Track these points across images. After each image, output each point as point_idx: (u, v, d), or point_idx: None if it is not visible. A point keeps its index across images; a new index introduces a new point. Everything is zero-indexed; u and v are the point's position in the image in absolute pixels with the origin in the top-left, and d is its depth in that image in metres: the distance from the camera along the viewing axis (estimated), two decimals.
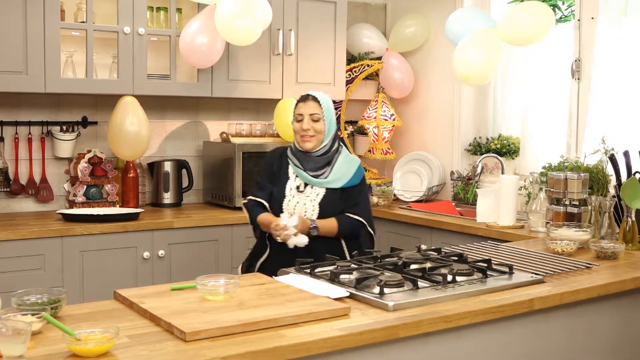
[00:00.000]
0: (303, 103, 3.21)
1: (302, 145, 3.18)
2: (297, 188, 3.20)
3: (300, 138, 3.19)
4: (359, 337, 1.97)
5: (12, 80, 3.74)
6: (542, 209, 3.68)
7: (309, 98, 3.20)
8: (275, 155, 3.32)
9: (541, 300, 2.38)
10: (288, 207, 3.17)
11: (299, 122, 3.18)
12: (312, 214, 3.15)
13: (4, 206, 4.13)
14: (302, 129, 3.16)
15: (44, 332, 1.89)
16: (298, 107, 3.21)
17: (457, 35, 4.09)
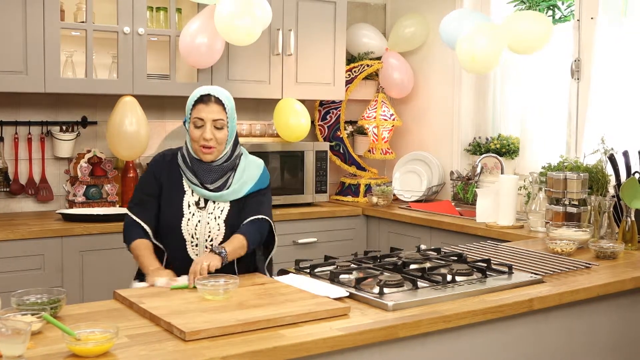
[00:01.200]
0: (204, 105, 2.66)
1: (201, 156, 2.69)
2: (197, 204, 2.72)
3: (199, 148, 2.67)
4: (358, 337, 1.98)
5: (12, 80, 3.74)
6: (541, 208, 3.69)
7: (211, 99, 2.67)
8: (162, 164, 2.79)
9: (541, 300, 2.39)
10: (188, 227, 2.70)
11: (199, 128, 2.66)
12: (218, 233, 2.71)
13: (4, 206, 4.13)
14: (204, 139, 2.65)
15: (43, 332, 1.89)
16: (197, 110, 2.66)
17: (451, 36, 4.09)
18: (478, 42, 3.82)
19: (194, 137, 2.68)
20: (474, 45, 3.83)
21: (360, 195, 4.90)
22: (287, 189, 4.57)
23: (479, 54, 3.80)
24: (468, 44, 3.86)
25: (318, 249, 4.41)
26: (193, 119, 2.67)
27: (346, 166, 5.08)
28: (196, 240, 2.71)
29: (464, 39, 3.90)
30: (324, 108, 5.10)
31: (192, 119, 2.68)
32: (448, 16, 4.16)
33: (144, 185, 2.82)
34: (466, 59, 3.87)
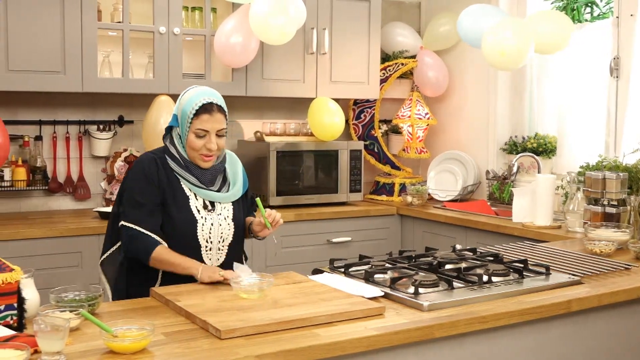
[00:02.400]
0: (209, 116, 2.55)
1: (201, 164, 2.60)
2: (205, 207, 2.63)
3: (198, 156, 2.58)
4: (393, 336, 1.96)
5: (51, 80, 3.79)
6: (579, 209, 3.63)
7: (214, 109, 2.56)
8: (152, 166, 2.59)
9: (579, 302, 2.35)
10: (203, 232, 2.60)
11: (201, 138, 2.55)
12: (229, 234, 2.67)
13: (42, 204, 4.19)
14: (207, 149, 2.56)
15: (81, 329, 1.91)
16: (202, 120, 2.54)
17: (467, 32, 4.04)
18: (506, 36, 3.78)
19: (195, 147, 2.56)
20: (501, 39, 3.78)
21: (395, 195, 4.88)
22: (321, 188, 4.57)
23: (508, 48, 3.76)
24: (494, 38, 3.82)
25: (352, 248, 4.40)
26: (195, 130, 2.55)
27: (380, 165, 5.06)
28: (210, 244, 2.64)
29: (491, 33, 3.85)
30: (358, 107, 5.09)
31: (193, 129, 2.55)
32: (465, 11, 4.11)
33: (142, 192, 2.56)
34: (494, 54, 3.82)
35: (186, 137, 2.57)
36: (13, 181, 3.96)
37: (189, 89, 2.64)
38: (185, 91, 2.64)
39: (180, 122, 2.59)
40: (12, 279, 1.83)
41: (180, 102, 2.60)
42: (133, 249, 2.54)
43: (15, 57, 3.69)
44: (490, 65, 4.11)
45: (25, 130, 4.10)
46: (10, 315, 1.83)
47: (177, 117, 2.61)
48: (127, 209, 2.56)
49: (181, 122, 2.59)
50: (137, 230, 2.52)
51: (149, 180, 2.57)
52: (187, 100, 2.58)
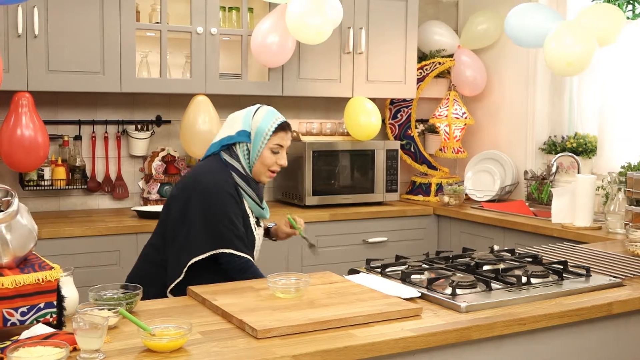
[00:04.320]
0: (285, 133, 2.73)
1: (264, 180, 2.75)
2: (257, 224, 2.79)
3: (267, 173, 2.73)
4: (430, 338, 1.95)
5: (90, 80, 3.83)
6: (620, 209, 3.57)
7: (289, 127, 2.75)
8: (233, 189, 2.67)
9: (621, 304, 2.31)
10: (257, 246, 2.79)
11: (275, 154, 2.72)
12: (260, 249, 2.86)
13: (81, 203, 4.24)
14: (278, 165, 2.73)
15: (119, 327, 1.92)
16: (279, 137, 2.71)
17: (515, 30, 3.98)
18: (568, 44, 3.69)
19: (268, 163, 2.70)
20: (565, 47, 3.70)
21: (432, 195, 4.85)
22: (358, 187, 4.56)
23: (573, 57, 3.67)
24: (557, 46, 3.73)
25: (388, 248, 4.38)
26: (273, 145, 2.70)
27: (417, 165, 5.03)
28: (258, 254, 2.82)
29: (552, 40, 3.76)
30: (394, 106, 5.07)
31: (271, 144, 2.70)
32: (513, 10, 4.05)
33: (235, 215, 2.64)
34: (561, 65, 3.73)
35: (259, 153, 2.69)
36: (53, 180, 4.01)
37: (259, 107, 2.77)
38: (254, 109, 2.76)
39: (255, 138, 2.70)
40: (51, 277, 1.86)
41: (254, 120, 2.71)
42: (245, 279, 2.55)
43: (55, 58, 3.74)
44: (557, 74, 4.05)
45: (64, 130, 4.16)
46: (50, 313, 1.85)
47: (248, 134, 2.70)
48: (228, 236, 2.60)
49: (255, 139, 2.70)
50: (248, 261, 2.63)
51: (237, 203, 2.65)
52: (263, 117, 2.71)
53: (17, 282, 1.80)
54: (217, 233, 2.61)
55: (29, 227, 1.94)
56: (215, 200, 2.63)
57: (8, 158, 3.68)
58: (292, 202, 4.49)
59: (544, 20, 3.91)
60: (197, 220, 2.62)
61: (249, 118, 2.73)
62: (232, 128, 2.75)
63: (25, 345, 1.62)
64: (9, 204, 1.90)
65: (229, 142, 2.73)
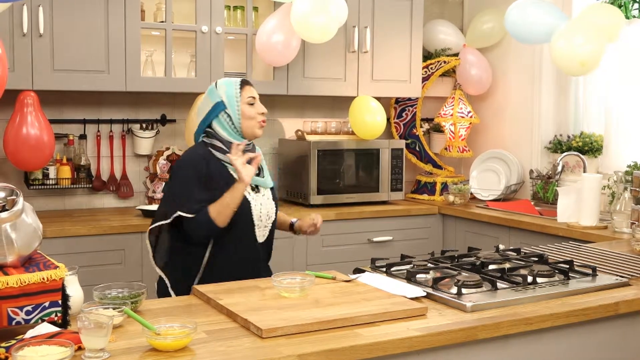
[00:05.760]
0: (249, 86, 2.87)
1: (258, 132, 2.85)
2: (253, 190, 2.85)
3: (257, 124, 2.84)
4: (436, 337, 1.94)
5: (95, 79, 3.84)
6: (626, 209, 3.56)
7: (248, 82, 2.90)
8: (201, 160, 2.77)
9: (627, 304, 2.30)
10: (256, 211, 2.82)
11: (252, 106, 2.83)
12: (273, 212, 2.92)
13: (86, 202, 4.25)
14: (261, 113, 2.84)
15: (124, 326, 1.92)
16: (247, 90, 2.84)
17: (514, 25, 3.96)
18: (581, 45, 3.66)
19: (251, 115, 2.82)
20: (575, 47, 3.67)
21: (437, 194, 4.84)
22: (363, 187, 4.55)
23: (586, 56, 3.64)
24: (567, 46, 3.69)
25: (393, 247, 4.37)
26: (247, 99, 2.82)
27: (422, 164, 5.02)
28: (261, 222, 2.85)
29: (560, 39, 3.73)
30: (399, 105, 5.06)
31: (244, 100, 2.82)
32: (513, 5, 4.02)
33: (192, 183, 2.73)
34: (573, 64, 3.69)
35: (239, 110, 2.81)
36: (58, 179, 4.01)
37: (216, 82, 2.88)
38: (212, 86, 2.87)
39: (228, 101, 2.82)
40: (56, 276, 1.85)
41: (219, 90, 2.84)
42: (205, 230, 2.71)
43: (61, 57, 3.74)
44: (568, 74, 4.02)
45: (69, 129, 4.16)
46: (54, 312, 1.85)
47: (221, 102, 2.81)
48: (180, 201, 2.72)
49: (229, 101, 2.82)
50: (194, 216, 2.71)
51: (197, 173, 2.75)
52: (225, 83, 2.85)
53: (22, 281, 1.80)
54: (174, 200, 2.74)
55: (34, 226, 1.94)
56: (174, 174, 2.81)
57: (14, 157, 3.68)
58: (297, 201, 4.49)
59: (544, 15, 3.88)
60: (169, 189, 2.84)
61: (214, 92, 2.85)
62: (203, 112, 2.86)
63: (30, 344, 1.62)
64: (14, 202, 1.90)
65: (207, 123, 2.84)
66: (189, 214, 2.69)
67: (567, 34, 3.70)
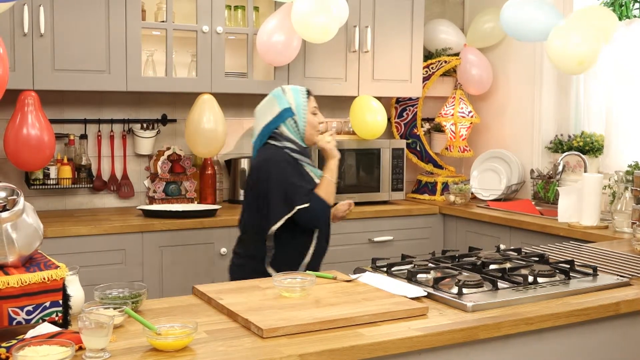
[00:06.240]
0: (312, 97, 3.13)
1: (316, 139, 3.11)
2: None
3: (317, 133, 3.10)
4: (437, 337, 1.94)
5: (96, 79, 3.84)
6: (627, 208, 3.56)
7: (310, 92, 3.16)
8: (287, 157, 3.02)
9: (628, 304, 2.30)
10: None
11: (315, 114, 3.11)
12: None
13: (87, 202, 4.25)
14: (320, 122, 3.13)
15: (125, 326, 1.92)
16: (311, 100, 3.10)
17: (509, 22, 3.95)
18: (578, 44, 3.65)
19: (315, 124, 3.08)
20: (573, 45, 3.66)
21: (437, 194, 4.84)
22: (363, 186, 4.55)
23: (584, 55, 3.64)
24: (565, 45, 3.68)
25: (394, 247, 4.37)
26: (312, 108, 3.08)
27: (423, 164, 5.02)
28: None
29: (557, 37, 3.73)
30: (400, 105, 5.06)
31: (310, 109, 3.07)
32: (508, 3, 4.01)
33: (298, 177, 2.98)
34: (571, 63, 3.68)
35: (305, 119, 3.05)
36: (59, 179, 4.02)
37: (280, 89, 3.10)
38: (279, 92, 3.09)
39: (297, 109, 3.05)
40: (57, 276, 1.85)
41: (287, 97, 3.07)
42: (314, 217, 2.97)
43: (61, 57, 3.74)
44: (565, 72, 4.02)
45: (70, 128, 4.16)
46: (55, 312, 1.85)
47: (290, 109, 3.04)
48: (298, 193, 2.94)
49: (298, 110, 3.05)
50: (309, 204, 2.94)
51: (295, 168, 3.00)
52: (293, 91, 3.09)
53: (23, 281, 1.80)
54: (283, 198, 2.94)
55: (34, 226, 1.94)
56: (271, 176, 2.96)
57: (14, 157, 3.68)
58: None
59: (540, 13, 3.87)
60: (269, 193, 2.97)
61: (282, 98, 3.06)
62: (268, 115, 3.06)
63: (31, 344, 1.62)
64: (14, 202, 1.90)
65: (274, 126, 3.03)
66: (305, 204, 2.91)
67: (564, 32, 3.70)
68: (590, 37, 3.64)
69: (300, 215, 2.93)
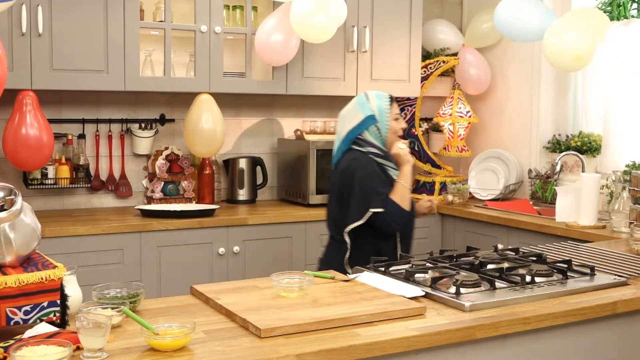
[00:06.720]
0: (394, 102, 3.22)
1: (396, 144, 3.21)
2: None
3: (397, 138, 3.20)
4: (434, 337, 1.94)
5: (94, 78, 3.84)
6: (625, 208, 3.56)
7: (393, 97, 3.24)
8: (372, 161, 3.14)
9: (625, 303, 2.30)
10: None
11: (397, 120, 3.20)
12: None
13: (85, 201, 4.25)
14: (402, 129, 3.22)
15: (123, 326, 1.92)
16: (393, 107, 3.20)
17: (503, 23, 3.95)
18: (574, 41, 3.66)
19: (397, 130, 3.18)
20: (571, 44, 3.66)
21: (435, 193, 4.84)
22: None
23: (581, 52, 3.64)
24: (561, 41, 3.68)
25: None
26: (394, 115, 3.17)
27: (421, 164, 5.02)
28: None
29: (552, 34, 3.73)
30: (398, 105, 5.05)
31: (392, 116, 3.16)
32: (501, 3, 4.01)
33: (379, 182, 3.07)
34: (567, 59, 3.68)
35: (388, 126, 3.15)
36: (57, 179, 4.02)
37: (364, 94, 3.20)
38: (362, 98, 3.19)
39: (380, 116, 3.15)
40: (55, 276, 1.86)
41: (371, 104, 3.16)
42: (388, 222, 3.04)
43: (59, 56, 3.74)
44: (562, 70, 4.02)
45: (68, 128, 4.16)
46: (53, 312, 1.85)
47: (373, 116, 3.13)
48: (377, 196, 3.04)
49: (381, 116, 3.15)
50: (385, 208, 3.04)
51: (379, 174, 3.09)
52: (376, 98, 3.18)
53: (21, 281, 1.80)
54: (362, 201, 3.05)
55: (32, 225, 1.94)
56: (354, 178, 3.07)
57: (13, 157, 3.68)
58: (295, 200, 4.49)
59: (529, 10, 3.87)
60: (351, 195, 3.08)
61: (365, 105, 3.16)
62: (352, 122, 3.16)
63: (28, 344, 1.63)
64: (12, 202, 1.90)
65: (358, 132, 3.13)
66: (379, 209, 3.01)
67: (559, 30, 3.70)
68: (586, 34, 3.64)
69: (375, 218, 3.03)
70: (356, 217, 3.06)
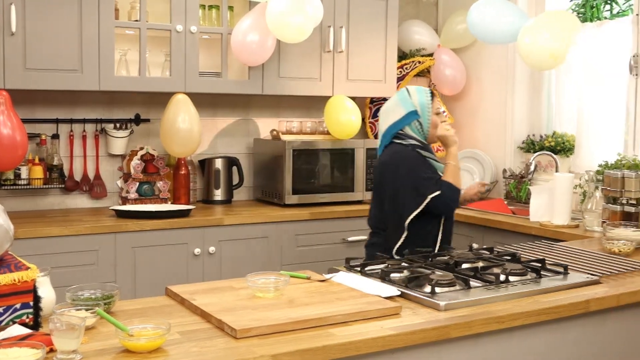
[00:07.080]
0: (435, 97, 3.24)
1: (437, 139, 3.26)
2: None
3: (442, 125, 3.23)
4: (409, 336, 1.95)
5: (68, 78, 3.80)
6: (597, 208, 3.60)
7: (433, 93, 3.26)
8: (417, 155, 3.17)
9: (597, 302, 2.33)
10: None
11: (438, 114, 3.22)
12: None
13: (59, 202, 4.21)
14: (442, 122, 3.23)
15: (97, 327, 1.91)
16: (435, 102, 3.22)
17: (476, 25, 3.98)
18: (549, 40, 3.69)
19: (438, 124, 3.19)
20: (546, 43, 3.69)
21: None
22: (337, 186, 4.56)
23: (556, 50, 3.67)
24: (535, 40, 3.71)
25: None
26: (436, 110, 3.20)
27: None
28: None
29: (527, 34, 3.75)
30: (375, 105, 5.08)
31: (434, 111, 3.19)
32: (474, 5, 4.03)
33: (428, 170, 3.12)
34: (544, 57, 3.71)
35: (429, 120, 3.17)
36: (30, 179, 3.98)
37: (406, 89, 3.20)
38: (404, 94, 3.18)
39: (422, 112, 3.16)
40: (28, 278, 1.84)
41: (413, 99, 3.17)
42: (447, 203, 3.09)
43: (32, 55, 3.70)
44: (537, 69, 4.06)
45: (42, 128, 4.13)
46: (26, 314, 1.84)
47: (415, 111, 3.15)
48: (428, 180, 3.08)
49: (423, 112, 3.17)
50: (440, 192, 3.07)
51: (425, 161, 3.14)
52: (418, 93, 3.19)
53: None
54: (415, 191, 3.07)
55: (5, 227, 1.92)
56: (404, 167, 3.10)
57: None
58: (271, 201, 4.49)
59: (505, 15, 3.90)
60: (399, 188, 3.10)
61: (407, 101, 3.17)
62: (394, 116, 3.17)
63: (1, 347, 1.61)
64: None
65: (400, 127, 3.15)
66: (437, 192, 3.04)
67: (533, 31, 3.74)
68: (559, 34, 3.68)
69: (434, 203, 3.05)
70: (411, 207, 3.06)
